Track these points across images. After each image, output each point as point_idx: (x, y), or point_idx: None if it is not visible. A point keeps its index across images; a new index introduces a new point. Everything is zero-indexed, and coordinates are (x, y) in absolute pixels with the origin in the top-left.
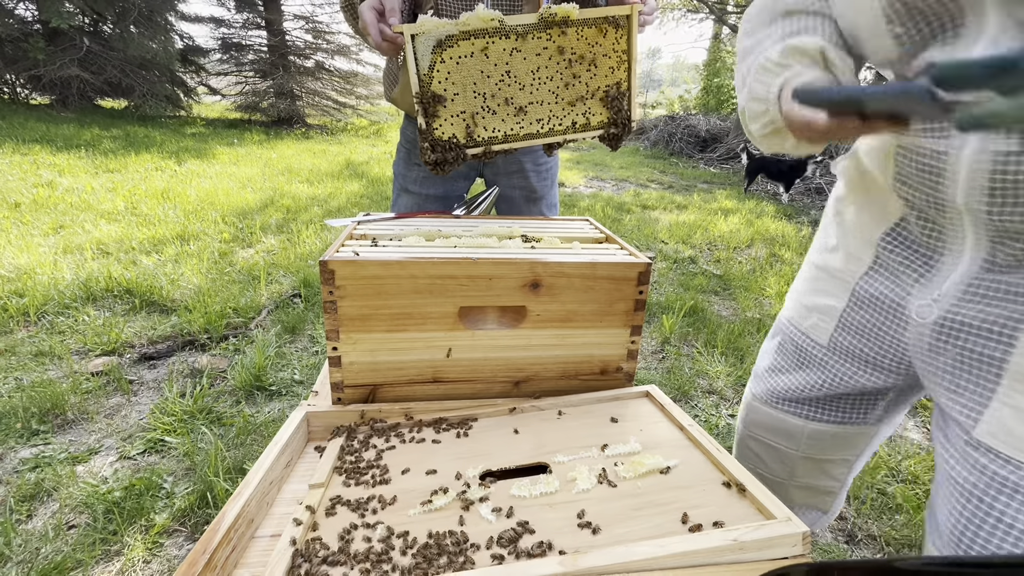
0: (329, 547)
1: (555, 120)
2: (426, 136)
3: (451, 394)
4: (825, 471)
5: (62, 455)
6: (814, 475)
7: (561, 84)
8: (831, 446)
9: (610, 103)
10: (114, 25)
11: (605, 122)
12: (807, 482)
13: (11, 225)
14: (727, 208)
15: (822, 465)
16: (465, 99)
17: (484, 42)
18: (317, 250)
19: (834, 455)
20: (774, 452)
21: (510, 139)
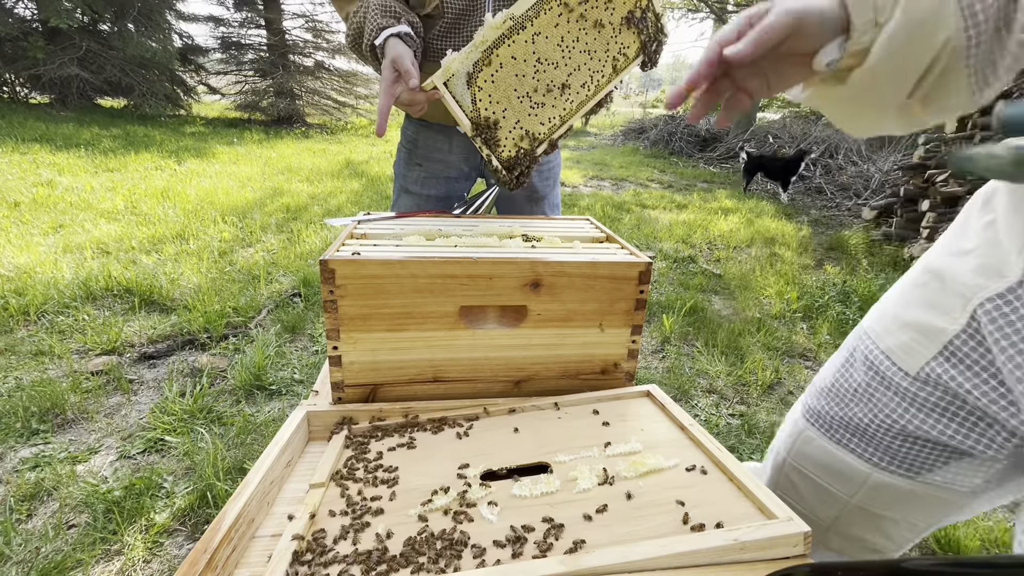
0: (329, 547)
1: (597, 75)
2: (495, 163)
3: (451, 394)
4: (881, 529)
5: (62, 454)
6: (864, 529)
7: (589, 39)
8: (898, 503)
9: (637, 25)
10: (113, 24)
11: (640, 46)
12: (853, 533)
13: (11, 224)
14: (727, 207)
15: (878, 522)
16: (513, 109)
17: (506, 47)
18: (317, 249)
19: (898, 514)
20: (821, 493)
21: (566, 118)
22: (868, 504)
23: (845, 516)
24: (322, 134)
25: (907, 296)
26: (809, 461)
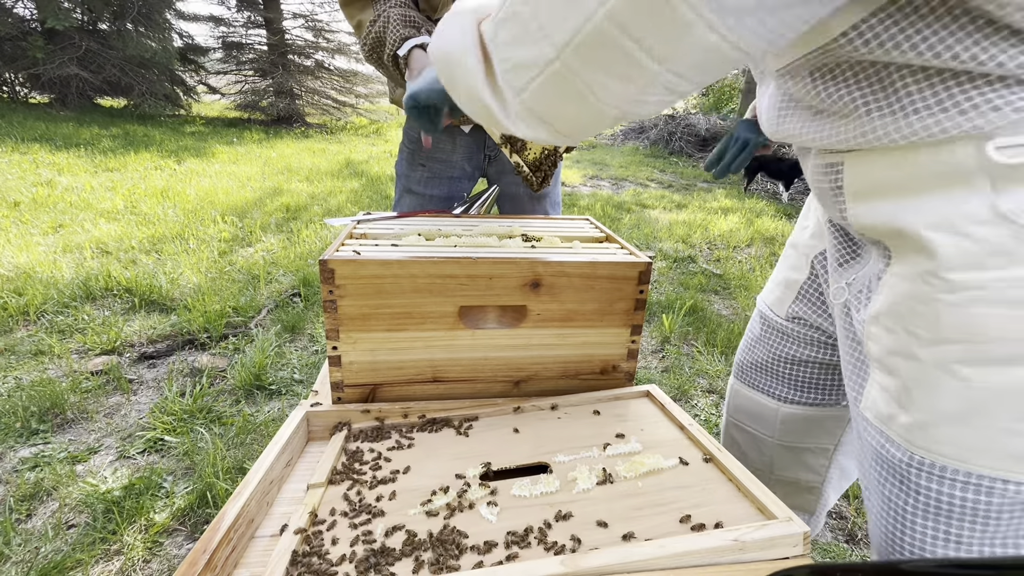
0: (329, 547)
1: None
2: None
3: (451, 394)
4: (803, 462)
5: (61, 454)
6: (793, 467)
7: None
8: (805, 431)
9: None
10: (112, 23)
11: None
12: (787, 475)
13: (10, 224)
14: (726, 207)
15: (800, 455)
16: None
17: None
18: (317, 249)
19: (810, 442)
20: (752, 440)
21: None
22: (786, 439)
23: (776, 459)
24: (322, 134)
25: (779, 264)
26: (739, 412)
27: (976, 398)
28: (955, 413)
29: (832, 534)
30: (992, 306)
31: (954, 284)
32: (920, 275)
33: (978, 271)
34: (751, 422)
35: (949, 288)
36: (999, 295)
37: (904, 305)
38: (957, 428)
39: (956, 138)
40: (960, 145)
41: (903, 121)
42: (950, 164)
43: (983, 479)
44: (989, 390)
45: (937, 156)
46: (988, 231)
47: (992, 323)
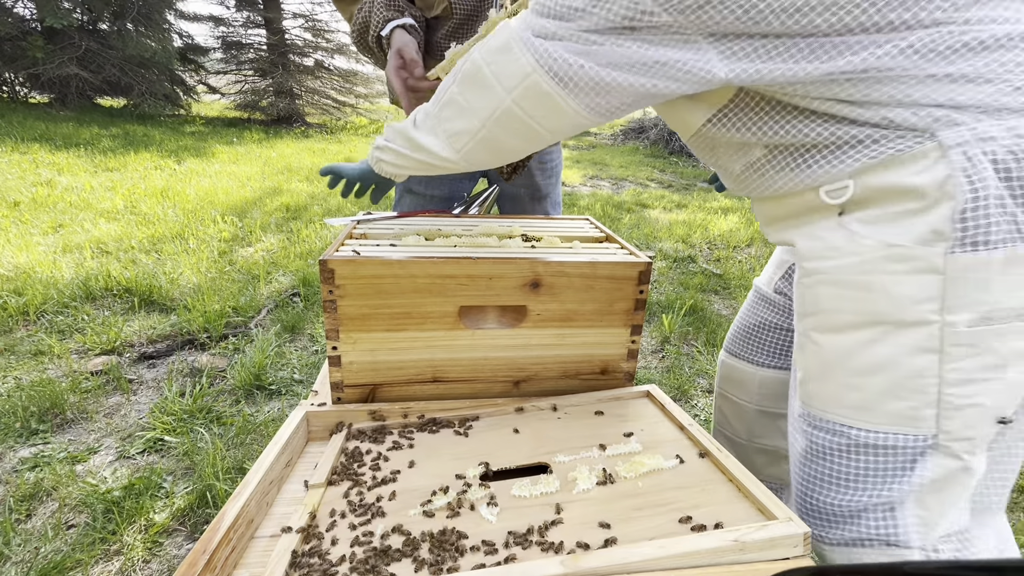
0: (329, 547)
1: None
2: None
3: (451, 394)
4: (780, 429)
5: (61, 454)
6: (771, 434)
7: None
8: (780, 396)
9: None
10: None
11: None
12: (766, 444)
13: (10, 224)
14: (726, 207)
15: (776, 422)
16: None
17: None
18: (317, 249)
19: (785, 408)
20: (735, 408)
21: None
22: (764, 404)
23: (755, 426)
24: (322, 133)
25: (776, 249)
26: (725, 382)
27: (825, 358)
28: (815, 371)
29: None
30: (828, 286)
31: (807, 270)
32: (797, 266)
33: (819, 260)
34: (734, 390)
35: (805, 273)
36: (831, 278)
37: (794, 289)
38: (817, 384)
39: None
40: (808, 193)
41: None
42: (808, 203)
43: (836, 424)
44: (831, 352)
45: (798, 200)
46: (829, 233)
47: (828, 299)
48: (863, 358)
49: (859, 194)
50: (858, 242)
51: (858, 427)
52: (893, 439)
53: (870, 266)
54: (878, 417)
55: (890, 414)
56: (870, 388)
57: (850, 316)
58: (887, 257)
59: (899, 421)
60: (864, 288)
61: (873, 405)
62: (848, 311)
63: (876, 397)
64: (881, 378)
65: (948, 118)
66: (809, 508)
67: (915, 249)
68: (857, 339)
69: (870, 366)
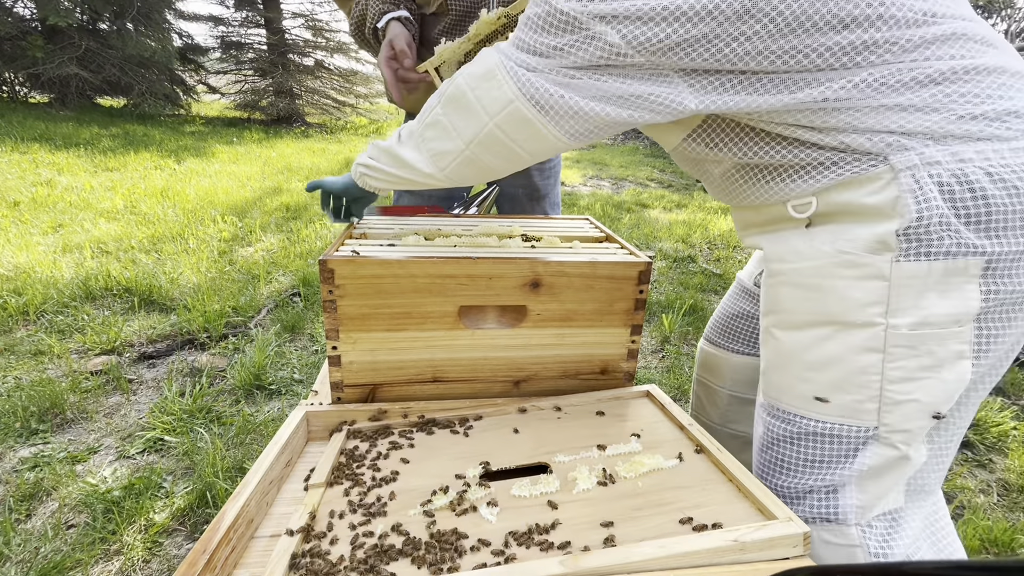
0: (328, 547)
1: None
2: None
3: (451, 394)
4: (751, 416)
5: (61, 454)
6: (743, 420)
7: None
8: (751, 382)
9: None
10: (112, 23)
11: None
12: (738, 429)
13: (10, 224)
14: (726, 207)
15: (747, 408)
16: None
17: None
18: (317, 249)
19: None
20: (709, 393)
21: None
22: (736, 390)
23: (728, 412)
24: (322, 133)
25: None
26: (702, 368)
27: (782, 352)
28: (774, 364)
29: None
30: (787, 287)
31: (771, 271)
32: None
33: (781, 263)
34: (709, 375)
35: (770, 274)
36: (791, 279)
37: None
38: (775, 375)
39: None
40: (777, 206)
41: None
42: (779, 214)
43: (789, 413)
44: (788, 347)
45: (771, 210)
46: (792, 240)
47: (787, 299)
48: (815, 354)
49: (822, 209)
50: (817, 248)
51: (808, 416)
52: (839, 429)
53: (825, 271)
54: (827, 408)
55: (837, 406)
56: (819, 381)
57: (805, 315)
58: (840, 263)
59: (845, 412)
60: (819, 290)
61: (823, 396)
62: (804, 310)
63: (825, 389)
64: (830, 373)
65: (899, 143)
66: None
67: (865, 257)
68: (811, 336)
69: (821, 361)
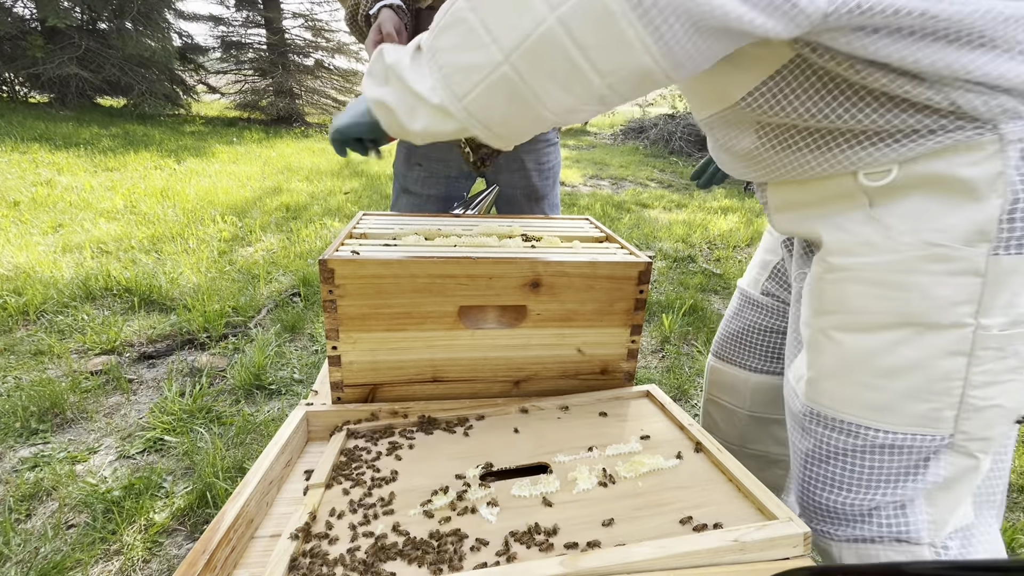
0: (328, 547)
1: None
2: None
3: (451, 394)
4: (772, 434)
5: (61, 454)
6: (763, 439)
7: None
8: (772, 402)
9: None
10: (112, 23)
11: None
12: (757, 449)
13: (10, 224)
14: (726, 207)
15: (769, 427)
16: None
17: None
18: (317, 249)
19: (777, 413)
20: (726, 413)
21: None
22: (756, 410)
23: (747, 432)
24: (322, 133)
25: (758, 249)
26: (714, 387)
27: (845, 358)
28: (831, 371)
29: None
30: (857, 284)
31: (833, 266)
32: (816, 260)
33: (848, 256)
34: (725, 395)
35: (829, 269)
36: (862, 275)
37: (808, 285)
38: (832, 383)
39: (836, 174)
40: (842, 177)
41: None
42: (839, 188)
43: (851, 425)
44: (853, 351)
45: (828, 184)
46: (860, 227)
47: (856, 297)
48: (889, 359)
49: (901, 180)
50: (895, 239)
51: (876, 427)
52: (910, 439)
53: (907, 265)
54: (898, 418)
55: (911, 415)
56: (892, 389)
57: (879, 316)
58: (927, 257)
59: (919, 422)
60: (899, 288)
61: (894, 406)
62: (877, 310)
63: (898, 398)
64: (905, 380)
65: (1015, 110)
66: (816, 507)
67: (959, 250)
68: (884, 340)
69: (894, 368)
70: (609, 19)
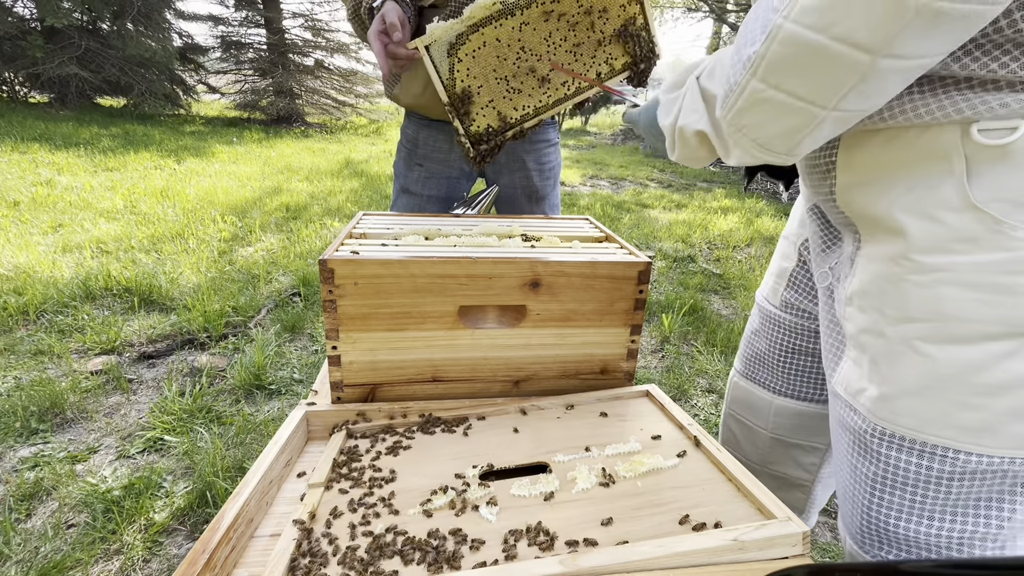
0: (328, 547)
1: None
2: (464, 136)
3: (451, 393)
4: (794, 459)
5: (61, 454)
6: (784, 462)
7: (577, 41)
8: (796, 427)
9: (629, 40)
10: (112, 23)
11: (630, 61)
12: (778, 471)
13: (10, 224)
14: (726, 207)
15: (791, 451)
16: (489, 88)
17: (492, 28)
18: (317, 248)
19: (800, 439)
20: (747, 432)
21: (540, 111)
22: (779, 433)
23: (769, 453)
24: (321, 133)
25: (774, 256)
26: (737, 403)
27: (935, 373)
28: (915, 387)
29: (831, 534)
30: (955, 288)
31: (923, 266)
32: (891, 256)
33: (945, 255)
34: (747, 414)
35: (918, 269)
36: (962, 278)
37: (875, 285)
38: (916, 400)
39: (945, 123)
40: (948, 129)
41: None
42: (936, 143)
43: (936, 448)
44: (948, 366)
45: (925, 136)
46: (957, 218)
47: (954, 304)
48: (993, 374)
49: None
50: (1006, 233)
51: (972, 451)
52: (1008, 464)
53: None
54: (998, 440)
55: (1013, 437)
56: (994, 408)
57: (983, 325)
58: None
59: (1020, 444)
60: (1009, 292)
61: (995, 427)
62: (983, 319)
63: (1000, 419)
64: (1011, 398)
65: None
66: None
67: None
68: (990, 352)
69: (999, 384)
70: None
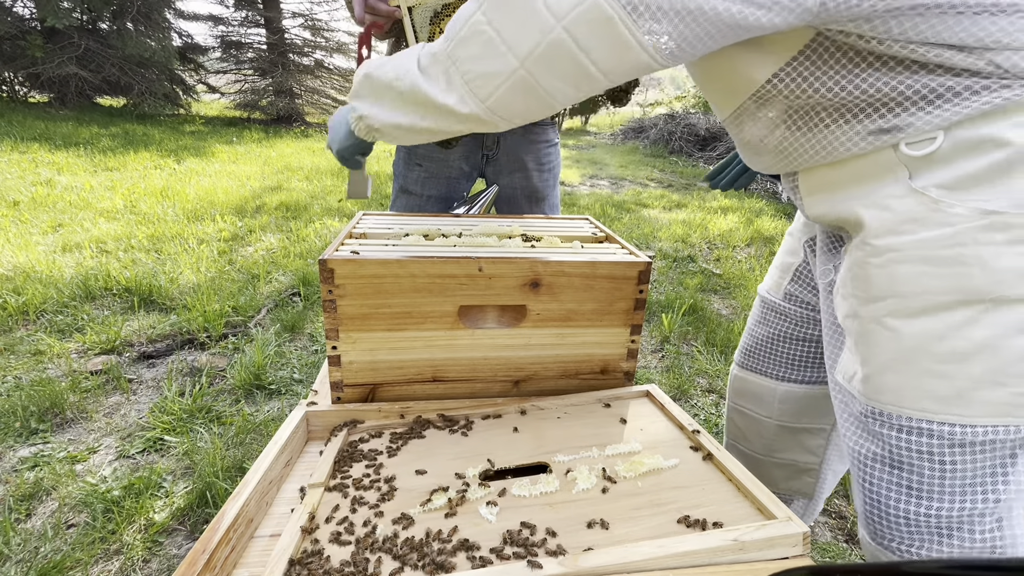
0: (328, 547)
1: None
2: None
3: (451, 393)
4: (801, 443)
5: (61, 454)
6: (792, 448)
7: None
8: (801, 411)
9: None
10: (112, 23)
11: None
12: (785, 458)
13: (10, 223)
14: (726, 207)
15: (798, 436)
16: None
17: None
18: (316, 248)
19: (806, 422)
20: (752, 423)
21: None
22: (784, 419)
23: (775, 441)
24: (321, 133)
25: (779, 252)
26: (740, 396)
27: (903, 346)
28: (889, 361)
29: (831, 534)
30: (907, 265)
31: (877, 248)
32: (857, 245)
33: (895, 236)
34: (751, 405)
35: (875, 252)
36: (912, 255)
37: (849, 273)
38: (893, 376)
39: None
40: (882, 152)
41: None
42: (877, 164)
43: (920, 422)
44: (913, 338)
45: (865, 161)
46: (902, 203)
47: (908, 280)
48: (954, 342)
49: (946, 148)
50: (945, 211)
51: (950, 422)
52: (992, 433)
53: (963, 237)
54: (974, 408)
55: (988, 404)
56: (963, 376)
57: (938, 296)
58: (984, 227)
59: (998, 411)
60: (956, 263)
61: (967, 395)
62: (935, 290)
63: (970, 386)
64: (977, 364)
65: None
66: (889, 520)
67: (1018, 216)
68: (947, 321)
69: (962, 352)
70: (609, 25)
